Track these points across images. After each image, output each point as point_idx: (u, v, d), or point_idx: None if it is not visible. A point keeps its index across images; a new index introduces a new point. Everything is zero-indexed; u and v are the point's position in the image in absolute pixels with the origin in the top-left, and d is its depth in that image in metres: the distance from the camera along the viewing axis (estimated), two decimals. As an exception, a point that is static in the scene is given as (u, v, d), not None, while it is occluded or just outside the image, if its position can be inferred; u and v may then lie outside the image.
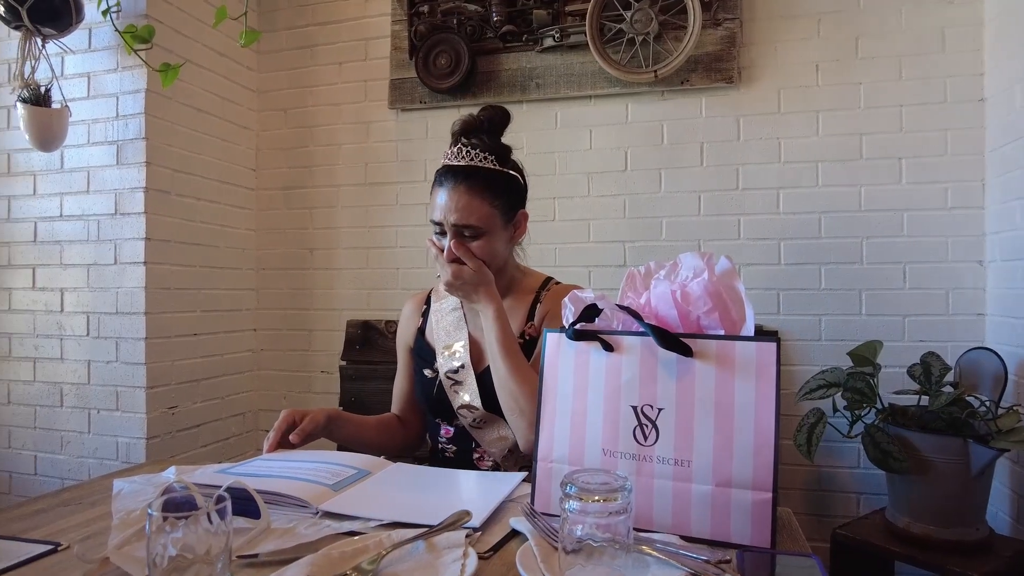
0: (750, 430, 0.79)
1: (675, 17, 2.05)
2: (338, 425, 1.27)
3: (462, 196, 1.18)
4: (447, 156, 1.23)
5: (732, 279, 0.87)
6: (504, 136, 1.31)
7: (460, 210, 1.18)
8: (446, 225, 1.20)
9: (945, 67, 1.93)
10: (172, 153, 2.10)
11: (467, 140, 1.22)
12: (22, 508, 0.96)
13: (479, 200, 1.19)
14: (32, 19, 1.83)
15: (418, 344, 1.39)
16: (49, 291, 2.10)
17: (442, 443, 1.35)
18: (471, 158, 1.20)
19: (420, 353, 1.38)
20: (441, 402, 1.30)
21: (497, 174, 1.22)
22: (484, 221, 1.20)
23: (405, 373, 1.45)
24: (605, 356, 0.88)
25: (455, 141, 1.24)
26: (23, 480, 2.14)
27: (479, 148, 1.21)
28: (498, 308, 1.21)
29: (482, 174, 1.20)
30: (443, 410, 1.31)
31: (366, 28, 2.41)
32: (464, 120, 1.26)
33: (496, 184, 1.22)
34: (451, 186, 1.19)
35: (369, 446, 1.34)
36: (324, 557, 0.70)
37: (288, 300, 2.51)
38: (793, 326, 2.03)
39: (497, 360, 1.19)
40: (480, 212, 1.19)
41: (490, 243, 1.22)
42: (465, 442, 1.31)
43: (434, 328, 1.36)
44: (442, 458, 1.34)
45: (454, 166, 1.21)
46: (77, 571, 0.73)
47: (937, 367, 1.58)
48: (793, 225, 2.04)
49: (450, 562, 0.69)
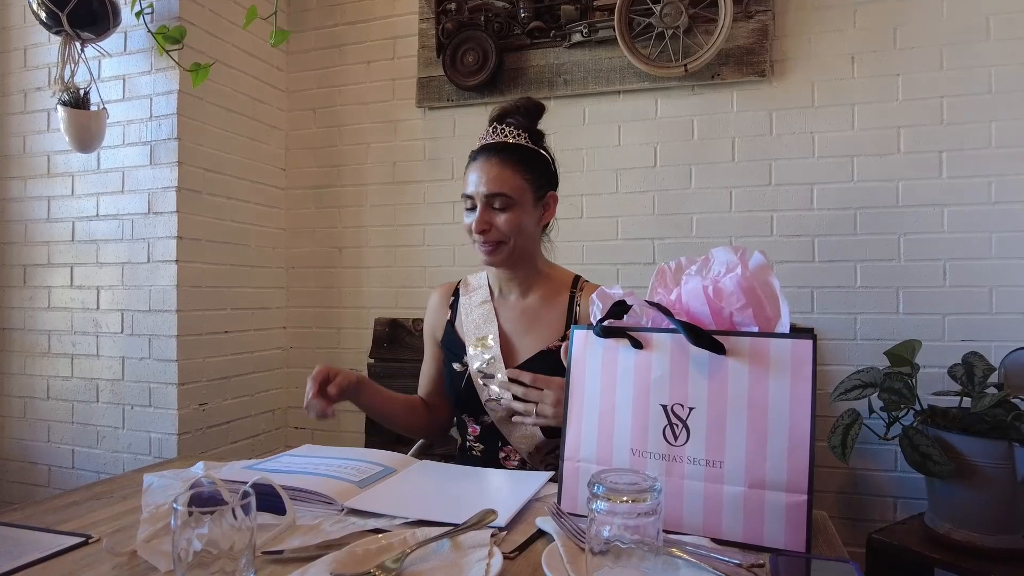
0: (784, 430, 0.77)
1: (705, 10, 2.01)
2: (367, 391, 1.27)
3: (494, 167, 1.21)
4: (482, 138, 1.28)
5: (766, 274, 0.84)
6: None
7: (492, 180, 1.21)
8: (477, 197, 1.22)
9: (989, 56, 1.86)
10: (204, 153, 2.13)
11: (502, 121, 1.27)
12: (57, 500, 0.98)
13: (511, 171, 1.22)
14: (72, 24, 1.87)
15: (447, 336, 1.39)
16: (86, 289, 2.15)
17: (470, 441, 1.34)
18: (505, 135, 1.25)
19: (449, 346, 1.38)
20: (470, 397, 1.30)
21: (530, 150, 1.26)
22: (515, 191, 1.22)
23: (433, 359, 1.45)
24: (634, 354, 0.86)
25: (490, 124, 1.29)
26: (61, 473, 2.19)
27: (514, 127, 1.26)
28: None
29: (515, 148, 1.24)
30: (471, 405, 1.31)
31: (394, 27, 2.41)
32: (501, 106, 1.32)
33: (528, 159, 1.25)
34: (484, 159, 1.23)
35: (393, 421, 1.35)
36: (348, 555, 0.69)
37: (317, 298, 2.53)
38: (827, 325, 1.97)
39: None
40: (512, 183, 1.21)
41: (518, 216, 1.23)
42: (492, 440, 1.30)
43: (464, 321, 1.36)
44: (469, 456, 1.34)
45: (488, 143, 1.25)
46: (107, 563, 0.74)
47: (980, 367, 1.52)
48: (827, 221, 1.98)
49: (475, 561, 0.68)
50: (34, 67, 2.22)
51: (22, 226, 2.24)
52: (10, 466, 2.27)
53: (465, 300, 1.38)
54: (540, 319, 1.29)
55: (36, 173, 2.23)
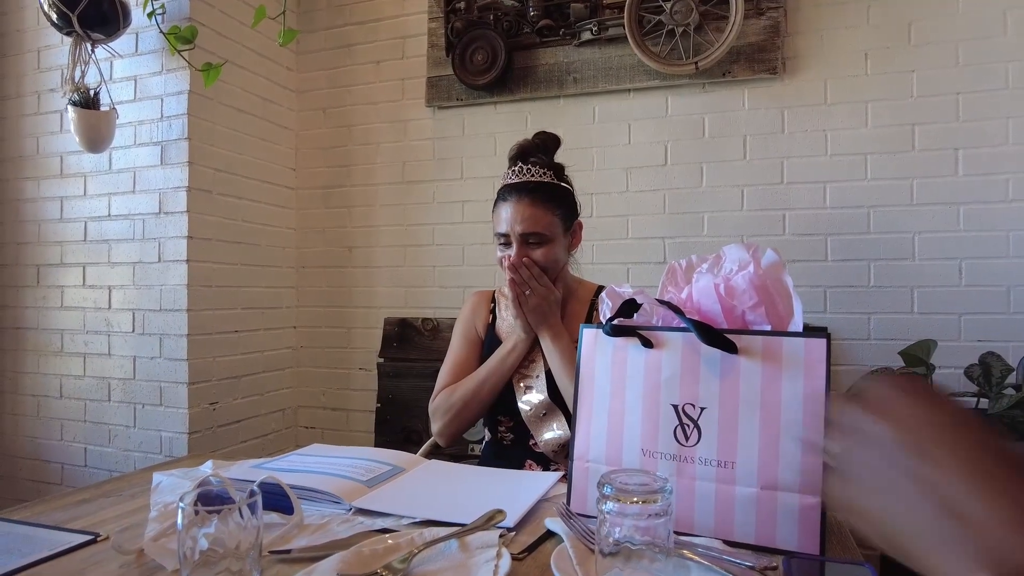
0: (798, 431, 0.75)
1: (716, 7, 1.99)
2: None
3: (527, 207, 1.28)
4: (507, 176, 1.34)
5: (779, 272, 0.83)
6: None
7: (526, 220, 1.28)
8: (512, 235, 1.29)
9: (1006, 52, 1.83)
10: (214, 153, 2.14)
11: (525, 160, 1.34)
12: (67, 498, 0.98)
13: (542, 210, 1.29)
14: (82, 25, 1.88)
15: (489, 338, 1.44)
16: (98, 289, 2.16)
17: (501, 432, 1.38)
18: (531, 175, 1.32)
19: (491, 347, 1.41)
20: (506, 397, 1.34)
21: (556, 187, 1.33)
22: (548, 228, 1.30)
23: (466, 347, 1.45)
24: (644, 353, 0.85)
25: (514, 163, 1.35)
26: (74, 471, 2.21)
27: (538, 165, 1.33)
28: (555, 334, 1.29)
29: (543, 187, 1.31)
30: (506, 402, 1.35)
31: (403, 26, 2.41)
32: (520, 144, 1.39)
33: (555, 195, 1.32)
34: (515, 199, 1.30)
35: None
36: (355, 555, 0.69)
37: (327, 298, 2.53)
38: (841, 325, 1.95)
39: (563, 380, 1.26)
40: (544, 220, 1.29)
41: (552, 250, 1.31)
42: (523, 430, 1.34)
43: (503, 324, 1.41)
44: (500, 446, 1.38)
45: (517, 183, 1.32)
46: (114, 562, 0.74)
47: (998, 368, 1.50)
48: (840, 220, 1.96)
49: (483, 562, 0.67)
50: (47, 68, 2.24)
51: (36, 226, 2.26)
52: (24, 464, 2.29)
53: (503, 307, 1.43)
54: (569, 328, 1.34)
55: (49, 173, 2.24)
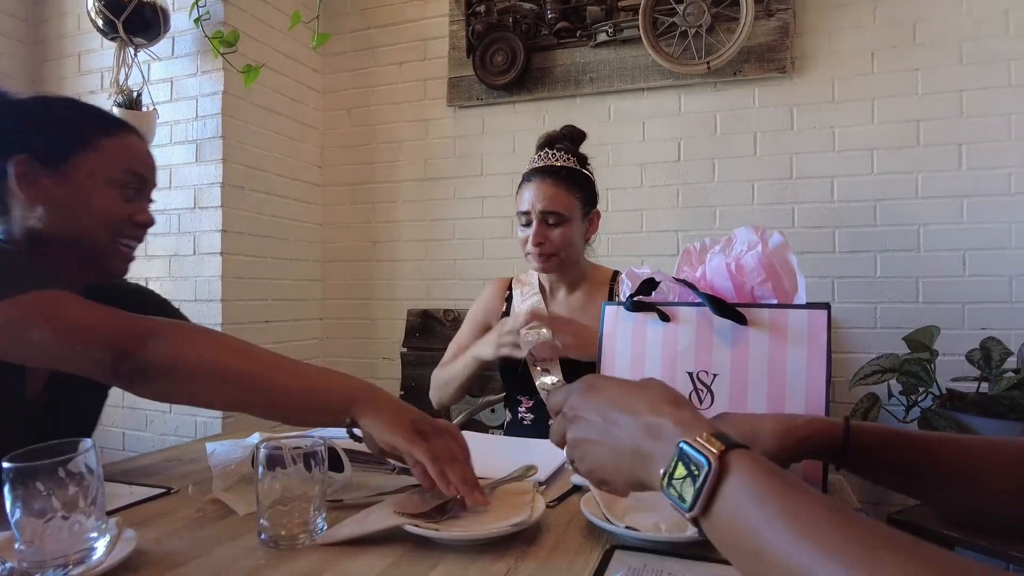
0: (802, 395, 0.83)
1: (727, 9, 2.07)
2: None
3: (549, 187, 1.35)
4: (533, 161, 1.41)
5: (785, 252, 0.91)
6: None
7: (547, 198, 1.34)
8: (533, 213, 1.36)
9: (1009, 50, 1.89)
10: (246, 151, 2.24)
11: (551, 147, 1.42)
12: (131, 462, 1.08)
13: (563, 191, 1.35)
14: (127, 30, 1.99)
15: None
16: (136, 280, 2.26)
17: (521, 413, 1.44)
18: (555, 159, 1.39)
19: None
20: (525, 379, 1.39)
21: (578, 172, 1.40)
22: (567, 209, 1.35)
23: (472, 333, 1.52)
24: (662, 326, 0.93)
25: (540, 149, 1.43)
26: (112, 455, 2.31)
27: (562, 151, 1.40)
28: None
29: (565, 170, 1.38)
30: (524, 385, 1.40)
31: (425, 29, 2.51)
32: (548, 134, 1.46)
33: (577, 180, 1.39)
34: (538, 180, 1.37)
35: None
36: (407, 498, 0.77)
37: (352, 290, 2.63)
38: (848, 314, 2.02)
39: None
40: (564, 201, 1.35)
41: (569, 230, 1.37)
42: (543, 411, 1.39)
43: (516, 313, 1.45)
44: (521, 426, 1.43)
45: (542, 166, 1.38)
46: (190, 507, 0.83)
47: (997, 351, 1.57)
48: (847, 213, 2.03)
49: (520, 504, 0.76)
50: (87, 72, 2.35)
51: (76, 221, 2.37)
52: (64, 449, 2.39)
53: (518, 294, 1.50)
54: (586, 311, 1.40)
55: (89, 171, 2.35)
